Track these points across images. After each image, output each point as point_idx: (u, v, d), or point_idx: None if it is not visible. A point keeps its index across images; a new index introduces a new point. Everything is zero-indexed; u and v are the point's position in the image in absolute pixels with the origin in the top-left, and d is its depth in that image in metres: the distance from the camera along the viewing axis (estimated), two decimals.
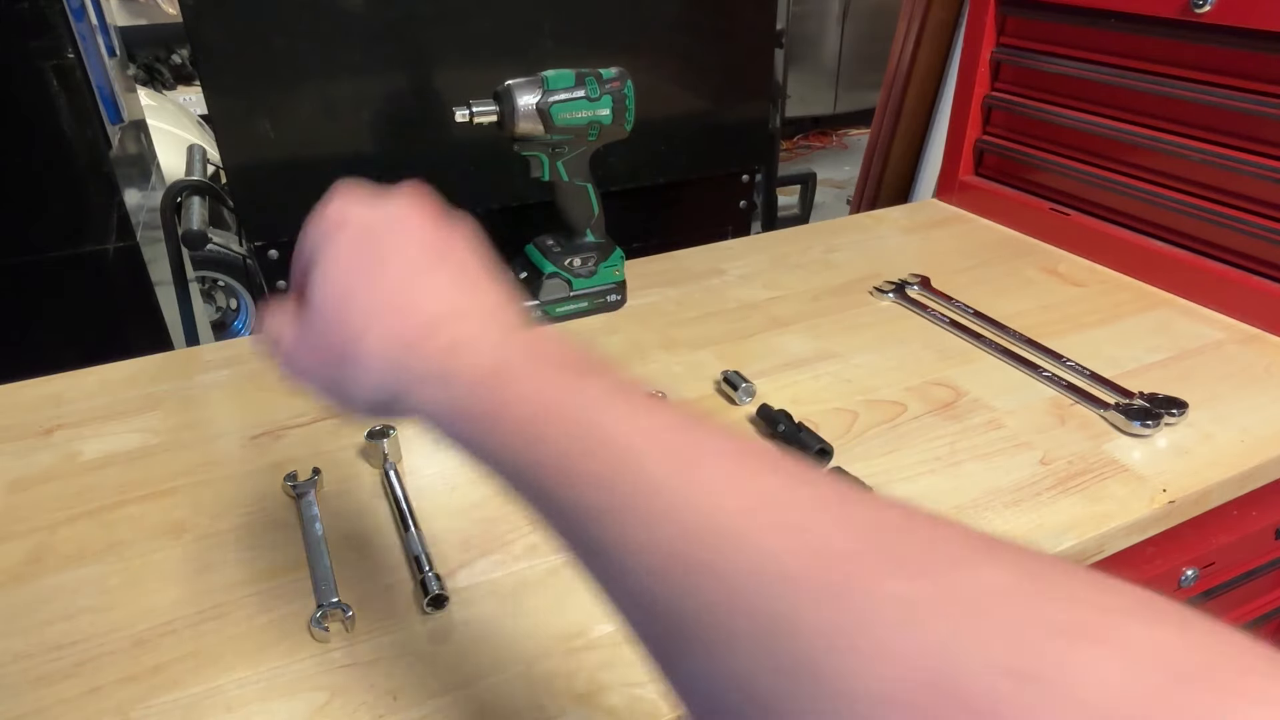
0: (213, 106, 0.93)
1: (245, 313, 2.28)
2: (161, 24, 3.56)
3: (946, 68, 1.79)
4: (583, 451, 0.27)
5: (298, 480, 0.62)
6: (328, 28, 0.94)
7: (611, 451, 0.27)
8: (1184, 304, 0.86)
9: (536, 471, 0.28)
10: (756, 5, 1.16)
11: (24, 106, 1.00)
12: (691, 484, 0.25)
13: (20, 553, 0.57)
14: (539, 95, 0.75)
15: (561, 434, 0.28)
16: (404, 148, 1.03)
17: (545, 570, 0.54)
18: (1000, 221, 1.06)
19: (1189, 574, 0.68)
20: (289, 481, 0.62)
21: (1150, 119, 0.88)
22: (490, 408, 0.30)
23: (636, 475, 0.26)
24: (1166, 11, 0.81)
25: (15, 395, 0.75)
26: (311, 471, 0.63)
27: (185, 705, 0.46)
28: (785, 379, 0.75)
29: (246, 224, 1.01)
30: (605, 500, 0.26)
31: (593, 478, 0.27)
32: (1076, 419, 0.68)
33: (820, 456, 0.62)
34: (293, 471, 0.63)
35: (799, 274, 0.95)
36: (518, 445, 0.29)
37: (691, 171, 1.21)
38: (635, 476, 0.26)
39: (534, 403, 0.29)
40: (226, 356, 0.80)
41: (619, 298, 0.88)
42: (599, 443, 0.27)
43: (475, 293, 0.35)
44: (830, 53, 4.26)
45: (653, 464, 0.26)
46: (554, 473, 0.28)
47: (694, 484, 0.25)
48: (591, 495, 0.26)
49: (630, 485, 0.26)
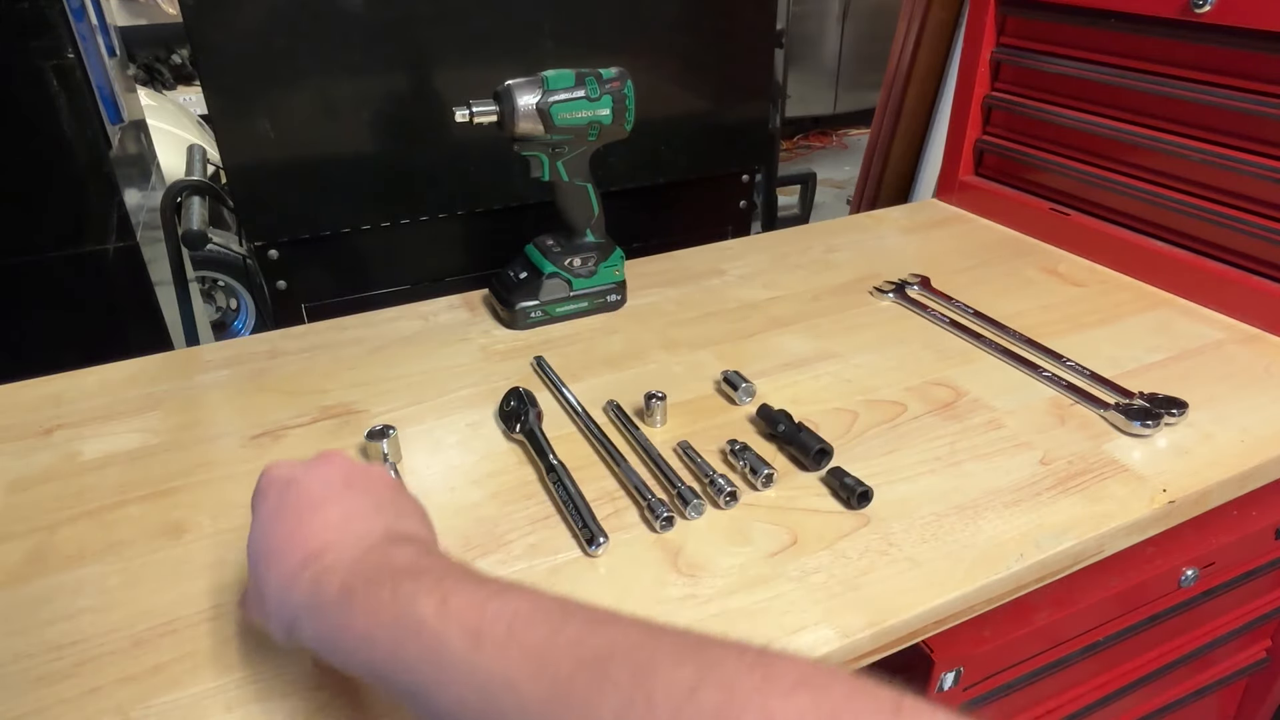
0: (213, 106, 0.93)
1: (245, 313, 2.29)
2: (161, 24, 3.56)
3: (946, 68, 1.79)
4: (404, 641, 0.34)
5: None
6: (328, 28, 0.94)
7: (424, 638, 0.34)
8: (1184, 304, 0.86)
9: (377, 666, 0.36)
10: (756, 5, 1.16)
11: (24, 106, 1.00)
12: (480, 653, 0.32)
13: (20, 553, 0.57)
14: (539, 95, 0.75)
15: (388, 633, 0.35)
16: (404, 148, 1.03)
17: (545, 570, 0.54)
18: (1000, 221, 1.06)
19: (1189, 574, 0.68)
20: None
21: (1150, 119, 0.88)
22: (339, 623, 0.37)
23: (439, 653, 0.33)
24: (1166, 11, 0.81)
25: (15, 395, 0.75)
26: None
27: (185, 705, 0.46)
28: (785, 379, 0.75)
29: (246, 224, 1.01)
30: (425, 676, 0.34)
31: (413, 660, 0.34)
32: (1076, 419, 0.68)
33: (820, 456, 0.62)
34: None
35: (799, 274, 0.95)
36: (361, 648, 0.36)
37: (691, 171, 1.21)
38: (438, 655, 0.33)
39: (369, 613, 0.36)
40: (226, 356, 0.80)
41: (619, 298, 0.88)
42: (413, 633, 0.34)
43: (359, 519, 0.42)
44: (830, 53, 4.26)
45: (454, 641, 0.33)
46: (388, 665, 0.35)
47: (481, 653, 0.32)
48: (413, 675, 0.34)
49: (435, 661, 0.33)
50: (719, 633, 0.31)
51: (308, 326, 0.87)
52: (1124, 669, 0.73)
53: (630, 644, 0.31)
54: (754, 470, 0.61)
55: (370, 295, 1.09)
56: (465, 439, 0.68)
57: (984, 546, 0.55)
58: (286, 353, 0.81)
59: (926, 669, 0.58)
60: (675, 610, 0.51)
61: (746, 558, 0.55)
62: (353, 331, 0.85)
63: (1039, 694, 0.68)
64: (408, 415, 0.71)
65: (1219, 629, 0.76)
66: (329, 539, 0.41)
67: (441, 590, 0.35)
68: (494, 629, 0.33)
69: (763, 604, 0.51)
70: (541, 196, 0.84)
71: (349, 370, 0.78)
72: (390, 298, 0.97)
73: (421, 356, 0.80)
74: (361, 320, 0.87)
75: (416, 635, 0.34)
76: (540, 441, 0.65)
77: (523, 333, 0.84)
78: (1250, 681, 0.86)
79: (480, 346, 0.82)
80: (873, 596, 0.52)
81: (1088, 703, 0.71)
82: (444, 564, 0.39)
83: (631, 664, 0.30)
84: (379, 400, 0.73)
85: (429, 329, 0.86)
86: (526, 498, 0.61)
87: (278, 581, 0.40)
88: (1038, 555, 0.55)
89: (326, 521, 0.42)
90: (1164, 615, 0.70)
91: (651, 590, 0.52)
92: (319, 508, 0.42)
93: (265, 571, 0.41)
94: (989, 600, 0.54)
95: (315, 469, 0.45)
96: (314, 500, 0.43)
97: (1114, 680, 0.72)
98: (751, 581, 0.53)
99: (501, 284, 0.86)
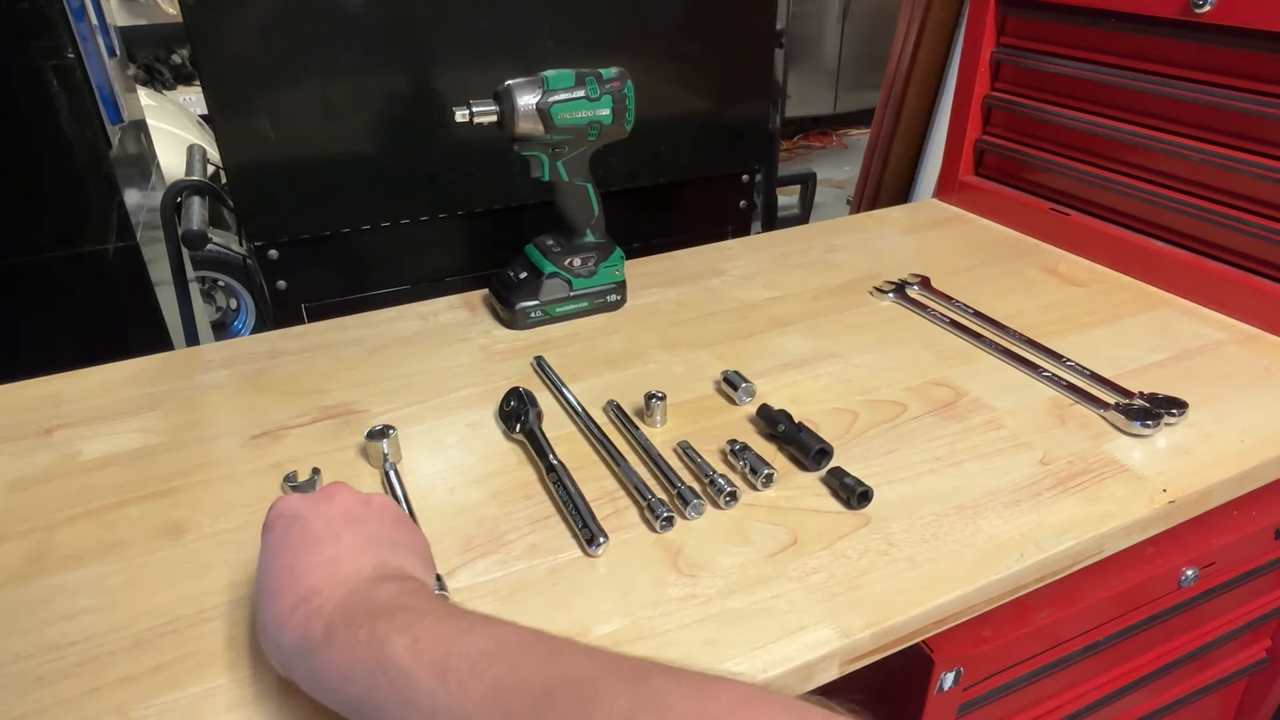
0: (213, 106, 0.93)
1: (245, 313, 2.28)
2: (161, 24, 3.56)
3: (946, 68, 1.79)
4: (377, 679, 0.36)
5: (297, 480, 0.62)
6: (328, 28, 0.94)
7: (393, 676, 0.36)
8: (1184, 304, 0.86)
9: (355, 704, 0.38)
10: (756, 5, 1.16)
11: (24, 106, 1.00)
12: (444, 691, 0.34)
13: (20, 553, 0.57)
14: (539, 95, 0.75)
15: (364, 672, 0.37)
16: (404, 148, 1.03)
17: (545, 570, 0.54)
18: (1000, 221, 1.06)
19: (1189, 574, 0.68)
20: (289, 482, 0.62)
21: (1150, 119, 0.88)
22: (323, 664, 0.39)
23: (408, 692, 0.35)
24: (1166, 11, 0.81)
25: (15, 395, 0.75)
26: (311, 471, 0.63)
27: (185, 705, 0.46)
28: (785, 379, 0.75)
29: (246, 224, 1.01)
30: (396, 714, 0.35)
31: (385, 699, 0.36)
32: (1076, 419, 0.68)
33: (820, 456, 0.62)
34: (293, 471, 0.63)
35: (799, 274, 0.95)
36: (340, 687, 0.38)
37: (691, 171, 1.21)
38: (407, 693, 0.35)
39: (347, 653, 0.38)
40: (226, 356, 0.80)
41: (619, 298, 0.88)
42: (383, 671, 0.36)
43: (349, 559, 0.44)
44: (830, 53, 4.26)
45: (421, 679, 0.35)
46: (364, 703, 0.37)
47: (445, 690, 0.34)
48: (385, 714, 0.36)
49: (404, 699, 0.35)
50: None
51: (308, 326, 0.87)
52: (1124, 669, 0.73)
53: (579, 675, 0.33)
54: (754, 470, 0.61)
55: (370, 295, 1.09)
56: (465, 439, 0.68)
57: (984, 546, 0.55)
58: (286, 353, 0.81)
59: (926, 669, 0.58)
60: (675, 610, 0.51)
61: (746, 558, 0.55)
62: (353, 331, 0.85)
63: (1039, 694, 0.68)
64: (408, 415, 0.71)
65: (1219, 629, 0.76)
66: (317, 581, 0.42)
67: (414, 631, 0.37)
68: (459, 666, 0.35)
69: (763, 604, 0.51)
70: (541, 196, 0.84)
71: (349, 370, 0.78)
72: (390, 298, 0.97)
73: (421, 356, 0.80)
74: (361, 320, 0.87)
75: (386, 674, 0.36)
76: (540, 441, 0.65)
77: (523, 333, 0.84)
78: (1250, 681, 0.86)
79: (480, 346, 0.82)
80: (873, 596, 0.52)
81: (1088, 703, 0.71)
82: (423, 603, 0.40)
83: (576, 695, 0.32)
84: (379, 400, 0.73)
85: (429, 329, 0.86)
86: (526, 498, 0.61)
87: (274, 620, 0.42)
88: (1038, 555, 0.55)
89: (318, 562, 0.44)
90: (1164, 615, 0.70)
91: (651, 590, 0.52)
92: (315, 546, 0.44)
93: (264, 608, 0.44)
94: (989, 600, 0.54)
95: (319, 505, 0.47)
96: (313, 538, 0.45)
97: (1114, 680, 0.72)
98: (751, 581, 0.53)
99: (501, 284, 0.86)
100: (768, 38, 1.20)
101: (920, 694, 0.59)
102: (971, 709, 0.63)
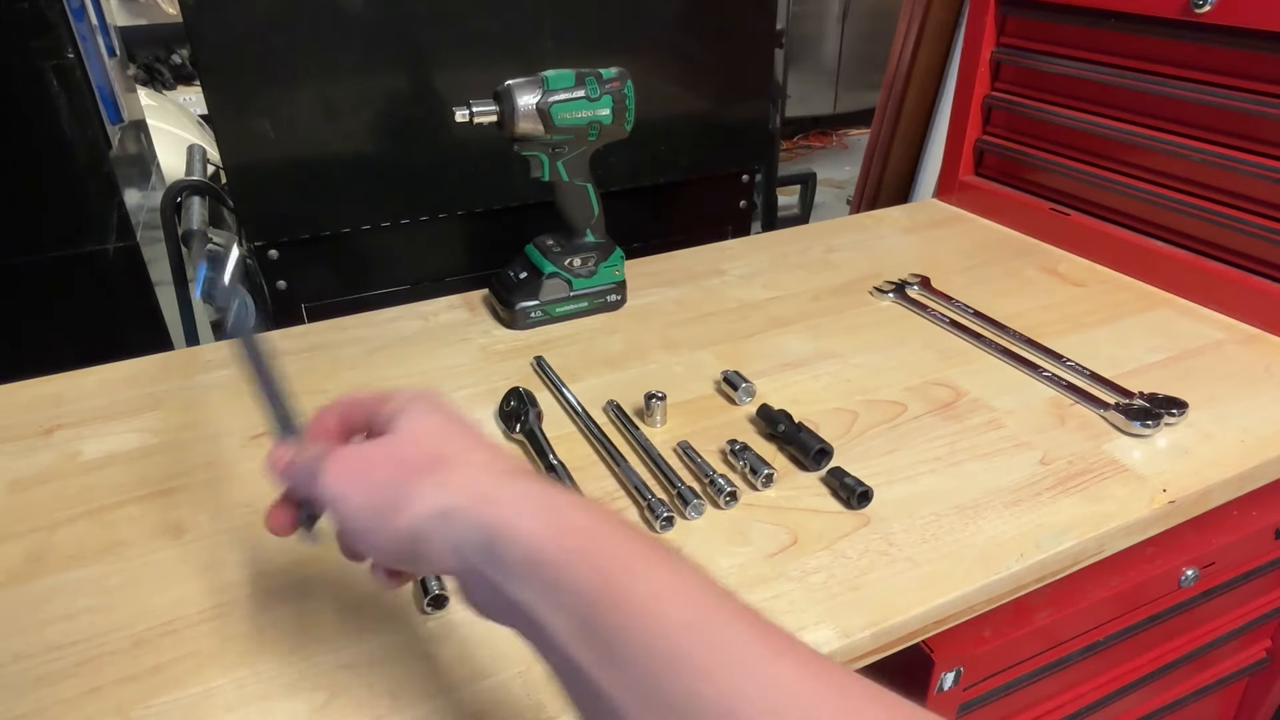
0: (213, 106, 0.93)
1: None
2: (161, 24, 3.56)
3: (946, 68, 1.79)
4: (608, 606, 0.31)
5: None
6: (328, 28, 0.94)
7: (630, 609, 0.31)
8: (1184, 304, 0.86)
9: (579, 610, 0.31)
10: (756, 5, 1.16)
11: (24, 106, 1.00)
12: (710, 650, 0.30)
13: (20, 553, 0.57)
14: (539, 95, 0.75)
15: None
16: (404, 148, 1.03)
17: None
18: (1000, 221, 1.06)
19: (1189, 574, 0.68)
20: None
21: (1150, 119, 0.88)
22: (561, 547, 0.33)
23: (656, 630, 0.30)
24: (1166, 11, 0.81)
25: (15, 395, 0.75)
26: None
27: (185, 705, 0.46)
28: (785, 379, 0.75)
29: (246, 224, 1.01)
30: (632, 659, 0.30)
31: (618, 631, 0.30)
32: (1076, 419, 0.68)
33: (820, 456, 0.62)
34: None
35: (799, 274, 0.95)
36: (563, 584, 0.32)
37: (691, 171, 1.21)
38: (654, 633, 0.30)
39: (581, 534, 0.33)
40: (226, 356, 0.80)
41: (619, 298, 0.88)
42: (623, 599, 0.31)
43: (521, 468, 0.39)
44: (830, 53, 4.25)
45: (672, 626, 0.30)
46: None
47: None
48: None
49: (645, 646, 0.30)
50: None
51: (308, 326, 0.87)
52: (1124, 669, 0.73)
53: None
54: (754, 470, 0.61)
55: (370, 295, 1.09)
56: None
57: (984, 546, 0.55)
58: (286, 353, 0.81)
59: (926, 669, 0.58)
60: None
61: (746, 558, 0.55)
62: (353, 331, 0.85)
63: (1039, 694, 0.68)
64: None
65: (1219, 629, 0.76)
66: (520, 467, 0.40)
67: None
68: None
69: (763, 604, 0.51)
70: (541, 196, 0.84)
71: (349, 370, 0.78)
72: (390, 298, 0.97)
73: (421, 356, 0.80)
74: (361, 320, 0.87)
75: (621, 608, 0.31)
76: (540, 441, 0.65)
77: (523, 333, 0.84)
78: (1250, 681, 0.86)
79: (480, 346, 0.82)
80: (873, 596, 0.52)
81: (1088, 703, 0.71)
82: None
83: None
84: None
85: (429, 329, 0.86)
86: None
87: (470, 469, 0.38)
88: (1038, 555, 0.55)
89: (507, 454, 0.41)
90: (1164, 615, 0.70)
91: None
92: (488, 442, 0.42)
93: (455, 451, 0.39)
94: (989, 600, 0.54)
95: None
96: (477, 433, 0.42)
97: (1114, 680, 0.72)
98: (751, 581, 0.53)
99: (501, 284, 0.86)
100: (768, 38, 1.20)
101: (920, 694, 0.59)
102: (971, 709, 0.63)
